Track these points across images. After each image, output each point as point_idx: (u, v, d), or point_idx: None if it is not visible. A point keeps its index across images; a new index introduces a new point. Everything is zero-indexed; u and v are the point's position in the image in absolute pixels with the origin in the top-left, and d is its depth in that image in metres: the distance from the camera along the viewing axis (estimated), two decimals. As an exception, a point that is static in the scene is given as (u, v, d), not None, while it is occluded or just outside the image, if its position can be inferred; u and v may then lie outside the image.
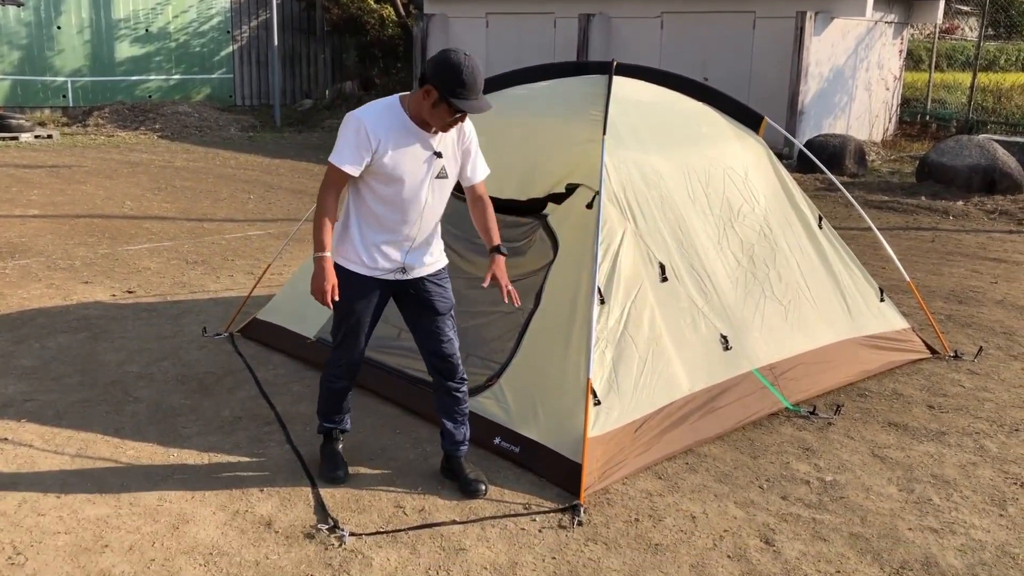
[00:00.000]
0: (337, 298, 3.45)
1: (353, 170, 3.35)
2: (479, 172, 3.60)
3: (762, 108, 5.97)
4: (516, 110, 4.74)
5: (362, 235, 3.48)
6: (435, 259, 3.62)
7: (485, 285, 3.51)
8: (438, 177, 3.45)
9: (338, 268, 3.51)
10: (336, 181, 3.40)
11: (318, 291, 3.41)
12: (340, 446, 3.87)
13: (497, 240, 3.58)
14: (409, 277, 3.56)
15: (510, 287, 3.52)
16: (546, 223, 4.31)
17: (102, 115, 16.88)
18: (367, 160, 3.33)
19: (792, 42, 13.23)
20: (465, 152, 3.54)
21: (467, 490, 3.66)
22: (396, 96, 3.42)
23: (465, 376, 3.73)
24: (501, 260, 3.54)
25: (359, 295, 3.53)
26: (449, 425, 3.72)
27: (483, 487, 3.66)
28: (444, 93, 3.21)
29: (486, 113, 3.37)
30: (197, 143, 15.29)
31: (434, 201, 3.49)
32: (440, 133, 3.41)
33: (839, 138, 12.61)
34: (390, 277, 3.54)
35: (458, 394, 3.70)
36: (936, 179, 11.21)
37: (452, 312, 3.67)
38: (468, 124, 3.52)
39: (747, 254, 4.70)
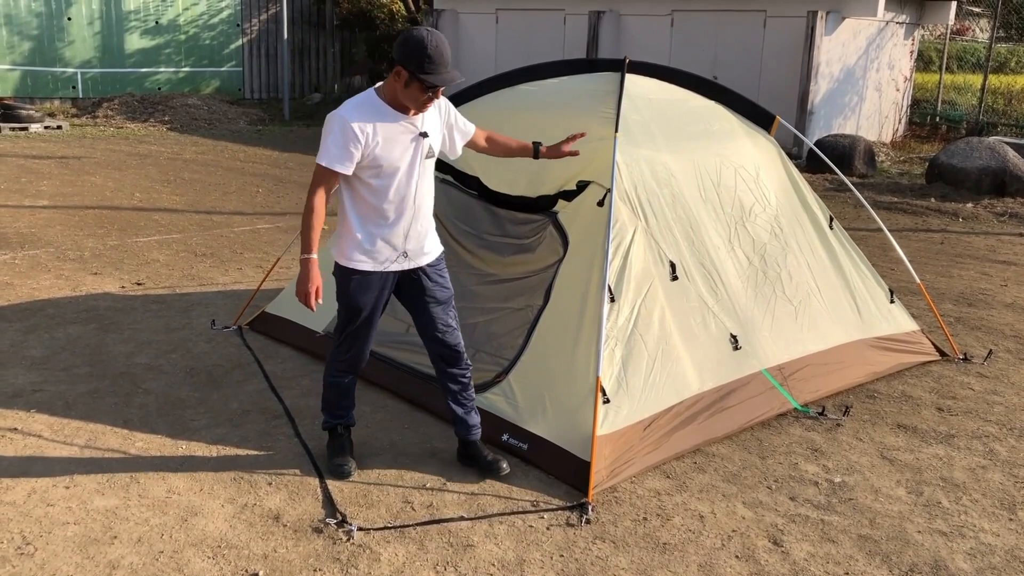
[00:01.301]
0: (320, 301, 3.50)
1: (346, 169, 3.36)
2: (469, 129, 3.71)
3: (772, 107, 5.96)
4: (527, 106, 4.73)
5: (363, 230, 3.50)
6: (433, 246, 3.67)
7: (567, 148, 3.76)
8: (427, 157, 3.50)
9: (341, 269, 3.55)
10: (326, 182, 3.42)
11: (302, 293, 3.45)
12: (347, 440, 3.87)
13: (529, 143, 3.78)
14: (411, 265, 3.58)
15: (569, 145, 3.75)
16: (556, 220, 4.31)
17: (111, 107, 16.90)
18: (357, 156, 3.35)
19: (803, 41, 13.19)
20: (450, 127, 3.62)
21: (490, 470, 3.74)
22: (371, 88, 3.45)
23: (469, 363, 3.78)
24: (549, 147, 3.78)
25: (364, 293, 3.55)
26: (459, 411, 3.77)
27: (504, 465, 3.74)
28: (413, 70, 3.24)
29: (497, 108, 3.40)
30: (206, 136, 15.30)
31: (424, 181, 3.53)
32: (421, 114, 3.43)
33: (849, 138, 12.57)
34: (393, 267, 3.56)
35: (463, 380, 3.76)
36: (946, 181, 11.17)
37: (452, 301, 3.71)
38: (443, 99, 3.58)
39: (758, 253, 4.69)
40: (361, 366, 3.76)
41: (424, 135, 3.45)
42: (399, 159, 3.41)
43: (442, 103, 3.58)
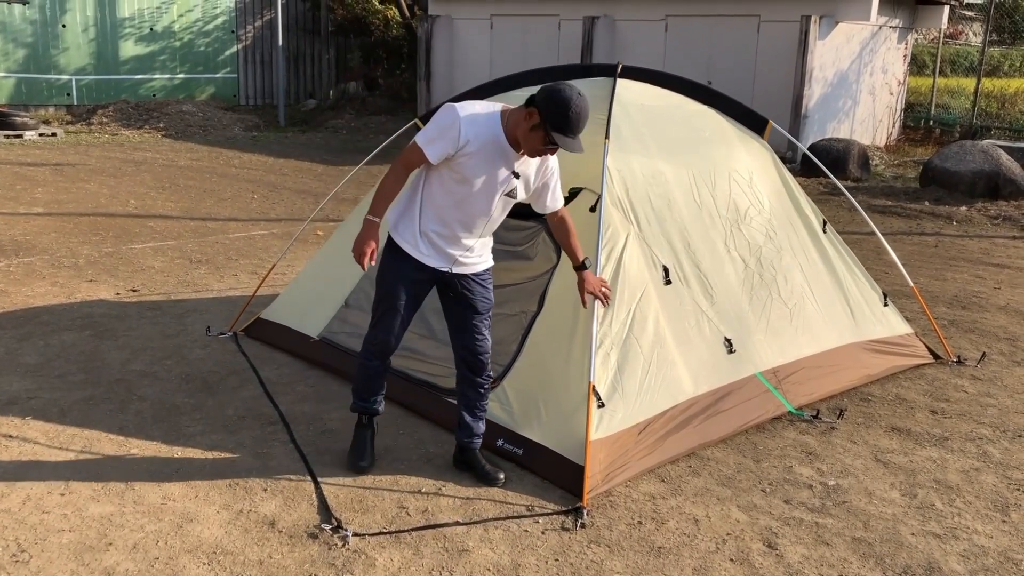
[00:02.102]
0: (374, 263, 3.51)
1: (434, 157, 3.37)
2: (558, 202, 3.66)
3: (766, 112, 5.98)
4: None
5: (422, 222, 3.53)
6: (484, 259, 3.68)
7: (585, 306, 3.69)
8: (507, 194, 3.50)
9: (392, 244, 3.58)
10: (413, 161, 3.44)
11: (358, 251, 3.46)
12: (371, 433, 3.89)
13: (581, 256, 3.66)
14: (457, 272, 3.61)
15: (603, 290, 3.68)
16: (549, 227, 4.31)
17: (106, 113, 16.89)
18: (449, 153, 3.36)
19: (796, 46, 13.23)
20: (544, 184, 3.59)
21: (487, 479, 3.75)
22: (500, 106, 3.44)
23: (491, 374, 3.81)
24: (588, 274, 3.66)
25: (405, 275, 3.57)
26: (468, 418, 3.79)
27: (501, 476, 3.75)
28: (547, 122, 3.25)
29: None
30: (201, 142, 15.30)
31: (498, 215, 3.56)
32: (526, 156, 3.44)
33: (843, 142, 12.61)
34: (440, 266, 3.58)
35: (482, 390, 3.79)
36: (940, 184, 11.21)
37: (490, 312, 3.73)
38: (554, 159, 3.57)
39: (752, 257, 4.70)
40: (389, 354, 3.75)
41: (516, 175, 3.46)
42: (482, 183, 3.42)
43: (551, 160, 3.57)
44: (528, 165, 3.49)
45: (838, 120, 14.51)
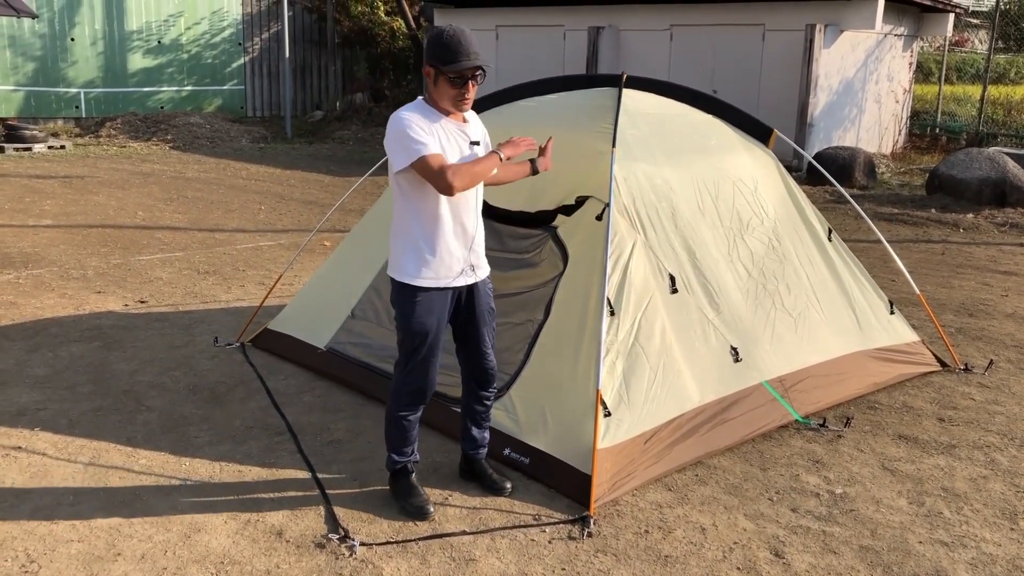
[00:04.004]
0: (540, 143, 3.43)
1: (436, 147, 3.24)
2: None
3: (771, 120, 5.99)
4: (526, 122, 4.76)
5: (429, 245, 3.37)
6: (483, 264, 3.60)
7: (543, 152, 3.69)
8: None
9: (407, 288, 3.40)
10: (440, 164, 3.21)
11: (524, 143, 3.44)
12: (415, 477, 3.69)
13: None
14: (474, 279, 3.51)
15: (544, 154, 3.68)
16: (555, 235, 4.33)
17: (114, 126, 16.99)
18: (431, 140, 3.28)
19: (802, 54, 13.25)
20: (484, 137, 3.55)
21: (494, 489, 3.73)
22: (419, 98, 3.41)
23: (496, 386, 3.78)
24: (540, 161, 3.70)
25: (430, 314, 3.41)
26: (475, 430, 3.78)
27: (508, 484, 3.74)
28: (439, 65, 3.24)
29: (497, 124, 3.39)
30: (208, 154, 15.37)
31: (480, 191, 3.51)
32: (471, 123, 3.43)
33: (849, 150, 12.61)
34: (459, 282, 3.45)
35: (488, 402, 3.77)
36: (946, 192, 11.20)
37: (494, 323, 3.69)
38: (473, 113, 3.57)
39: (757, 266, 4.71)
40: (429, 396, 3.57)
41: (475, 143, 3.42)
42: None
43: (476, 117, 3.55)
44: (477, 131, 3.46)
45: (844, 128, 14.52)
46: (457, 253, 3.42)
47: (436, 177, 3.21)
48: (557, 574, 3.21)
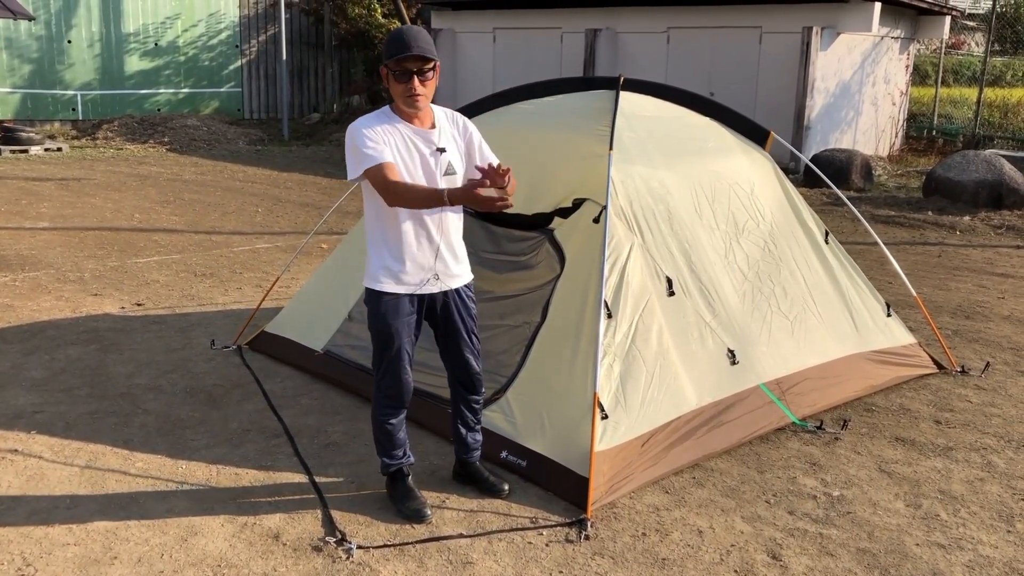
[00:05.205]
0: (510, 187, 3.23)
1: (388, 156, 3.25)
2: (488, 156, 3.54)
3: (768, 123, 6.00)
4: (523, 125, 4.77)
5: (392, 252, 3.40)
6: (463, 270, 3.58)
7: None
8: (446, 174, 3.41)
9: (371, 292, 3.45)
10: (387, 176, 3.22)
11: (487, 202, 3.06)
12: (409, 477, 3.70)
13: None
14: (442, 288, 3.50)
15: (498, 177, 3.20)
16: (552, 237, 4.33)
17: (111, 128, 16.98)
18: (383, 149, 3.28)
19: (798, 57, 13.27)
20: (468, 144, 3.51)
21: (491, 491, 3.73)
22: (386, 106, 3.43)
23: (484, 389, 3.78)
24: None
25: (396, 317, 3.44)
26: (466, 433, 3.77)
27: (505, 487, 3.73)
28: (386, 62, 3.25)
29: (494, 127, 3.37)
30: (206, 156, 15.37)
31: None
32: (438, 128, 3.40)
33: (845, 153, 12.63)
34: (424, 290, 3.46)
35: (476, 405, 3.77)
36: (943, 194, 11.22)
37: (477, 328, 3.66)
38: (463, 118, 3.55)
39: (753, 268, 4.71)
40: (407, 399, 3.59)
41: (441, 150, 3.39)
42: (416, 172, 3.34)
43: (460, 122, 3.52)
44: (444, 136, 3.42)
45: (840, 131, 14.54)
46: (421, 261, 3.43)
47: (379, 189, 3.29)
48: (554, 577, 3.21)
